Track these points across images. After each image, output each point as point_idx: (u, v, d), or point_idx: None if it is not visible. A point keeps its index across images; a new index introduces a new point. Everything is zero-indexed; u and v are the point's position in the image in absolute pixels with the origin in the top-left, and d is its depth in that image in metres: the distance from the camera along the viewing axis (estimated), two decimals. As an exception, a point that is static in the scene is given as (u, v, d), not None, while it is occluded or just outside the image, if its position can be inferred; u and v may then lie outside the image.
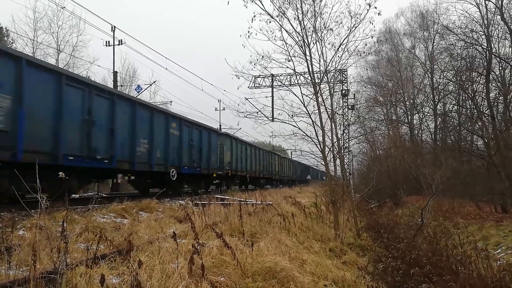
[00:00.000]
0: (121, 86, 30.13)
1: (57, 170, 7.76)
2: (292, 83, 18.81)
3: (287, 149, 42.13)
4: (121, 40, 24.41)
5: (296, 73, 12.11)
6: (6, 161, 7.38)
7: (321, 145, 10.17)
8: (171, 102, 31.77)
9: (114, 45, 24.05)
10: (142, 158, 12.04)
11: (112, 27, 23.35)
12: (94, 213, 7.61)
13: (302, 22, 9.76)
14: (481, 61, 20.09)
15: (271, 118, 11.36)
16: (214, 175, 17.76)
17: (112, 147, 10.48)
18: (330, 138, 11.08)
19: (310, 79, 10.41)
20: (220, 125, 37.84)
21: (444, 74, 24.21)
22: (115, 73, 24.50)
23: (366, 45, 10.33)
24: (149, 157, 12.40)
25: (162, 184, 14.32)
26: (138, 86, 28.60)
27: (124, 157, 11.14)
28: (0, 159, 7.30)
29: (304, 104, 10.23)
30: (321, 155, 10.42)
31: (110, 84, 25.12)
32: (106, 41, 24.50)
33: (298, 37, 9.86)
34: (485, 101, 19.77)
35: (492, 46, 19.79)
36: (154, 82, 31.06)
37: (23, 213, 6.75)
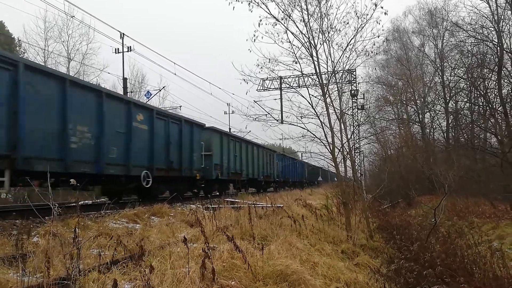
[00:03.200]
0: (131, 92, 30.45)
1: None
2: (300, 84, 18.77)
3: (297, 151, 42.01)
4: (130, 47, 24.70)
5: (304, 75, 12.09)
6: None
7: (331, 146, 10.12)
8: (180, 107, 32.03)
9: (123, 52, 24.34)
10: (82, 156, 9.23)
11: (121, 34, 23.63)
12: (107, 219, 7.70)
13: (308, 23, 9.75)
14: (492, 57, 19.85)
15: (280, 121, 11.35)
16: (198, 177, 15.28)
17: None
18: (340, 139, 11.02)
19: (317, 80, 10.39)
20: (229, 128, 37.93)
21: (455, 72, 23.97)
22: (124, 79, 24.76)
23: (374, 44, 10.26)
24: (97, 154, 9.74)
25: (134, 190, 12.42)
26: (148, 92, 28.89)
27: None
28: None
29: (312, 106, 10.21)
30: (331, 156, 10.36)
31: (119, 90, 25.39)
32: (116, 48, 24.81)
33: (304, 39, 9.86)
34: (498, 97, 19.49)
35: (503, 41, 19.53)
36: (164, 87, 31.29)
37: (37, 220, 6.86)
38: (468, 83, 21.68)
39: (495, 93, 19.74)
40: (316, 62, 10.03)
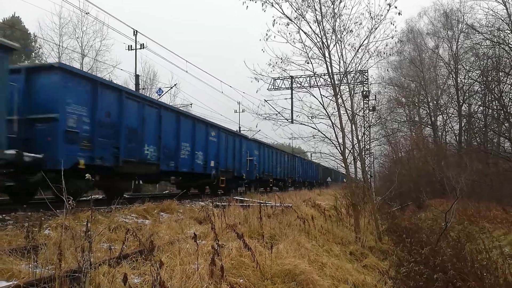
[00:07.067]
0: (143, 89, 30.67)
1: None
2: (311, 84, 18.69)
3: (307, 151, 41.92)
4: (143, 44, 24.86)
5: (316, 75, 12.03)
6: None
7: (341, 147, 10.06)
8: (191, 104, 32.05)
9: (136, 49, 24.52)
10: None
11: (134, 31, 23.83)
12: (117, 214, 7.76)
13: (321, 23, 9.69)
14: (508, 60, 19.50)
15: (290, 120, 11.31)
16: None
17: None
18: (350, 140, 10.94)
19: (329, 80, 10.33)
20: (239, 127, 37.99)
21: (469, 74, 23.66)
22: (137, 76, 24.97)
23: (386, 45, 10.16)
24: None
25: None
26: (160, 89, 29.04)
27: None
28: None
29: (323, 106, 10.15)
30: (341, 157, 10.30)
31: (132, 87, 25.57)
32: (129, 45, 25.00)
33: (317, 39, 9.81)
34: (513, 101, 19.15)
35: (520, 44, 19.15)
36: (175, 85, 31.45)
37: (49, 213, 6.96)
38: (482, 86, 21.39)
39: (510, 97, 19.43)
40: (328, 62, 9.97)
